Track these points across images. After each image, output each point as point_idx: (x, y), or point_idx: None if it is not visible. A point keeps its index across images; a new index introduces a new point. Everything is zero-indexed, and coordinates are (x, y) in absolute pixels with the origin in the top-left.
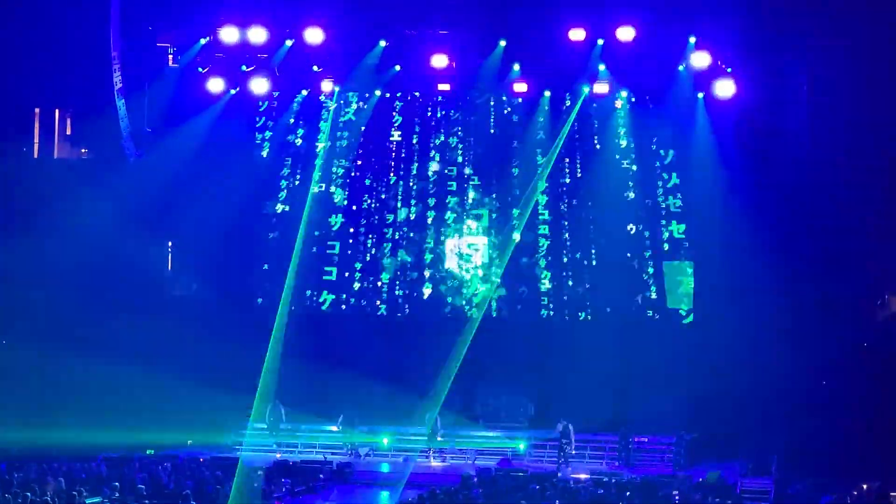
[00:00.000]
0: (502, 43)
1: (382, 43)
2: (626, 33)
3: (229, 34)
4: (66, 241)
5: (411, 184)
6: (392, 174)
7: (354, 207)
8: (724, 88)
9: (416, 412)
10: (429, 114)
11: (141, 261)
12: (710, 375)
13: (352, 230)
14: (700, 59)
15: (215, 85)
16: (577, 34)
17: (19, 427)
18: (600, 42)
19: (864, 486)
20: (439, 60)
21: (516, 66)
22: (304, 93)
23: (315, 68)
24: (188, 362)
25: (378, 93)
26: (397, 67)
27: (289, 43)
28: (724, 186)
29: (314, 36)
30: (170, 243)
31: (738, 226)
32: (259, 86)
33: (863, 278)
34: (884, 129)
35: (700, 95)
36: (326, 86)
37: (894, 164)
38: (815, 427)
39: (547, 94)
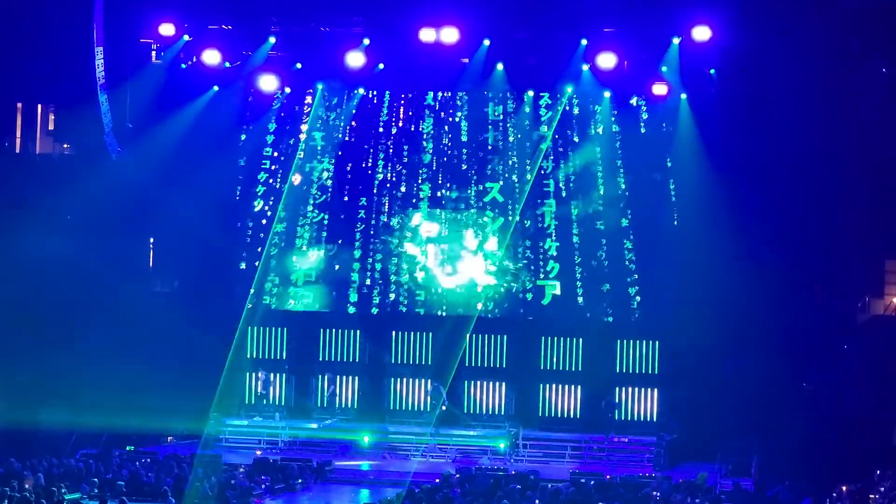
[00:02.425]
0: (486, 42)
1: (366, 41)
2: (610, 34)
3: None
4: (48, 237)
5: (392, 182)
6: (373, 174)
7: (333, 205)
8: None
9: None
10: (411, 113)
11: (122, 257)
12: (691, 376)
13: (330, 228)
14: (682, 60)
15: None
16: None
17: None
18: (584, 42)
19: (844, 489)
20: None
21: (500, 66)
22: (287, 90)
23: (297, 66)
24: (169, 358)
25: (361, 91)
26: (381, 66)
27: (272, 40)
28: (707, 187)
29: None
30: (151, 239)
31: (720, 227)
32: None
33: (843, 280)
34: (867, 130)
35: (683, 97)
36: (308, 83)
37: (877, 166)
38: (796, 429)
39: (530, 93)
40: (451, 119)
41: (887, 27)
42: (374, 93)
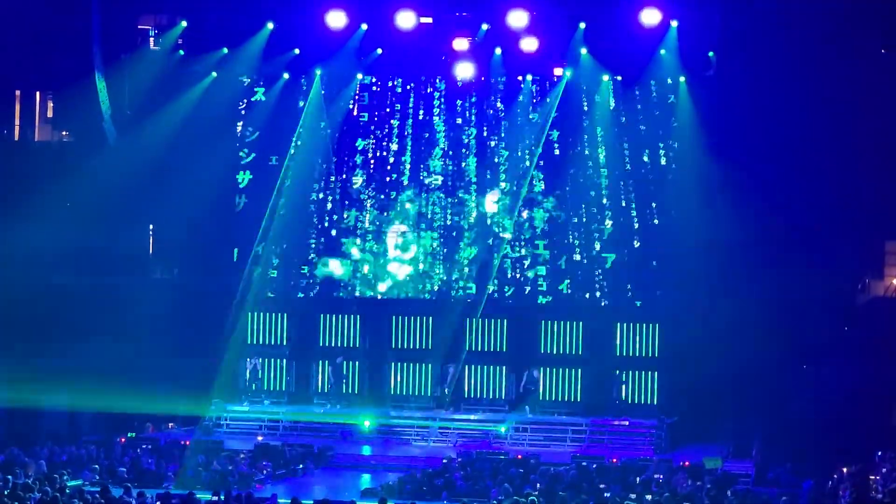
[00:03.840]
0: (484, 27)
1: (364, 26)
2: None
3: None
4: (47, 224)
5: (389, 167)
6: (371, 159)
7: (329, 192)
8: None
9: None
10: (410, 102)
11: (122, 244)
12: (691, 359)
13: (327, 214)
14: (681, 43)
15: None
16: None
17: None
18: (582, 25)
19: (845, 470)
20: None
21: (498, 50)
22: (286, 76)
23: (295, 51)
24: (169, 345)
25: (360, 76)
26: (379, 51)
27: (270, 26)
28: (704, 166)
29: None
30: (151, 226)
31: (718, 209)
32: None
33: (844, 262)
34: (867, 112)
35: (682, 79)
36: (306, 69)
37: (876, 147)
38: (796, 411)
39: (529, 78)
40: (446, 104)
41: (887, 8)
42: (372, 79)
